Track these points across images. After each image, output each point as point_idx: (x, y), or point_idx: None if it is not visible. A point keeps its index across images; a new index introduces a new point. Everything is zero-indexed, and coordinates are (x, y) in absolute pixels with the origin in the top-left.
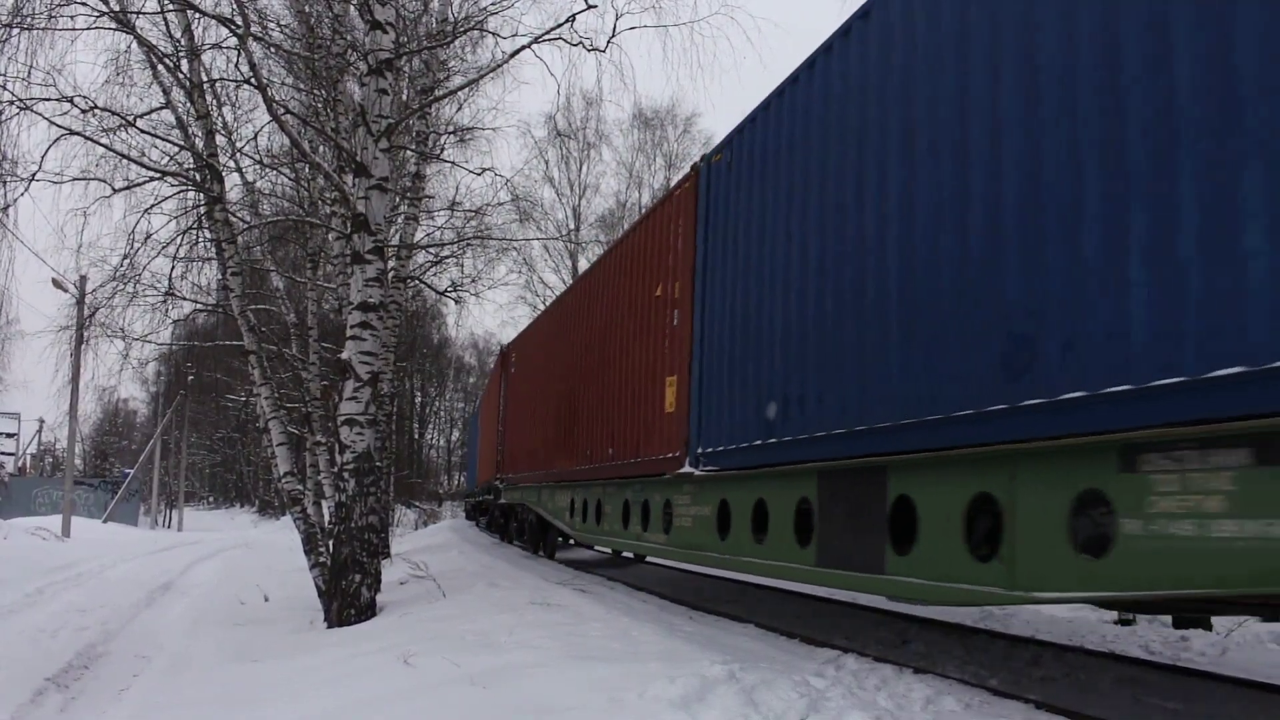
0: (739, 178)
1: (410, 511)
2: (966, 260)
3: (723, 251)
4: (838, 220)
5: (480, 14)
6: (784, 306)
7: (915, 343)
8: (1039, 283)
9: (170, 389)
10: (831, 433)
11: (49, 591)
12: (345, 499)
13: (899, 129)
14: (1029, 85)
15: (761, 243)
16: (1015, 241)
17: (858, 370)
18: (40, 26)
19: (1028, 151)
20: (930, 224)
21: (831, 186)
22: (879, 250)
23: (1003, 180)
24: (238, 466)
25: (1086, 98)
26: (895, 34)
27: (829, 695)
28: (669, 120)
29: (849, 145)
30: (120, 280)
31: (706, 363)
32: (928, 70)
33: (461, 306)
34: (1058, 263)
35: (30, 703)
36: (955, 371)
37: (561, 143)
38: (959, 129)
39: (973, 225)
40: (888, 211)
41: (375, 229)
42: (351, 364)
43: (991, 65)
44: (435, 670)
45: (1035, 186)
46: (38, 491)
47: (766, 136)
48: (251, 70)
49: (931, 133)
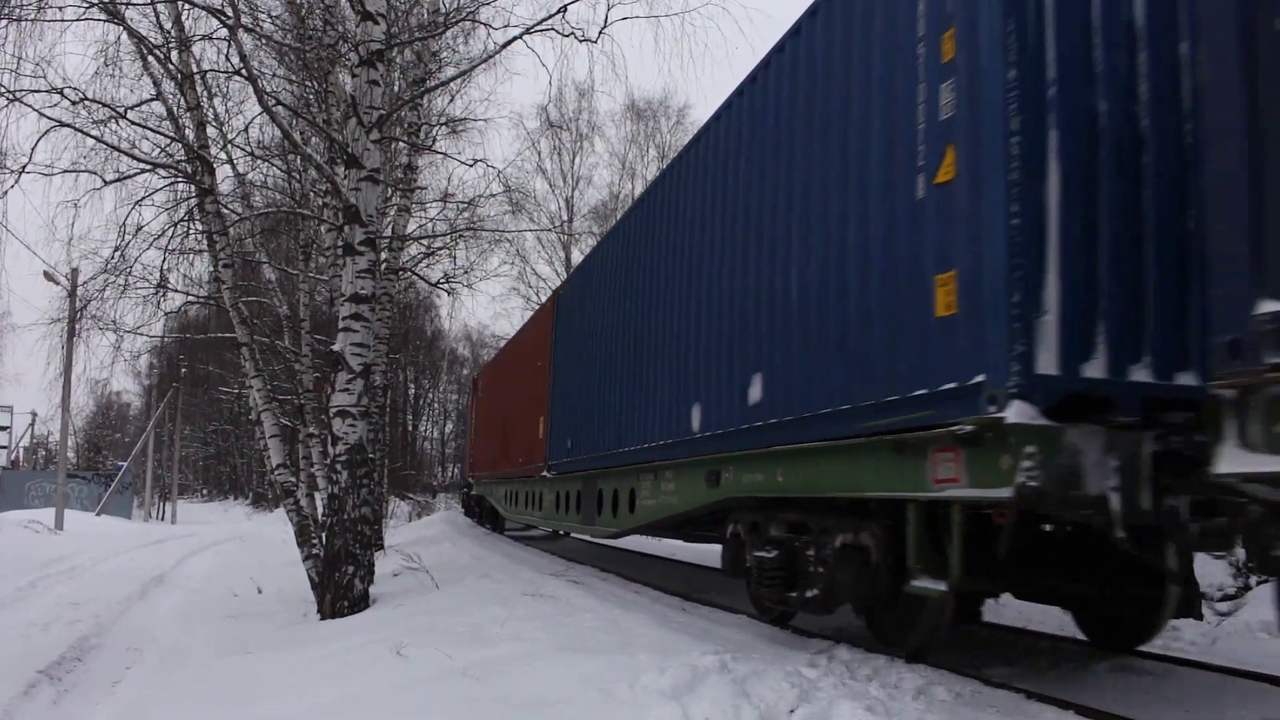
0: (571, 305)
1: (404, 503)
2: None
3: (562, 344)
4: (606, 336)
5: (472, 5)
6: (574, 386)
7: (613, 418)
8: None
9: (163, 381)
10: (585, 457)
11: (41, 585)
12: (338, 491)
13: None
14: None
15: (568, 344)
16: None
17: (591, 425)
18: (29, 18)
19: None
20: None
21: (602, 315)
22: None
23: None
24: (231, 459)
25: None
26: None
27: (820, 685)
28: (662, 111)
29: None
30: (112, 273)
31: (553, 410)
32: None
33: (454, 298)
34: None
35: (22, 695)
36: (619, 436)
37: (554, 134)
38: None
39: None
40: (616, 349)
41: (367, 220)
42: (344, 356)
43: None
44: (428, 662)
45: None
46: (30, 485)
47: (589, 274)
48: (242, 61)
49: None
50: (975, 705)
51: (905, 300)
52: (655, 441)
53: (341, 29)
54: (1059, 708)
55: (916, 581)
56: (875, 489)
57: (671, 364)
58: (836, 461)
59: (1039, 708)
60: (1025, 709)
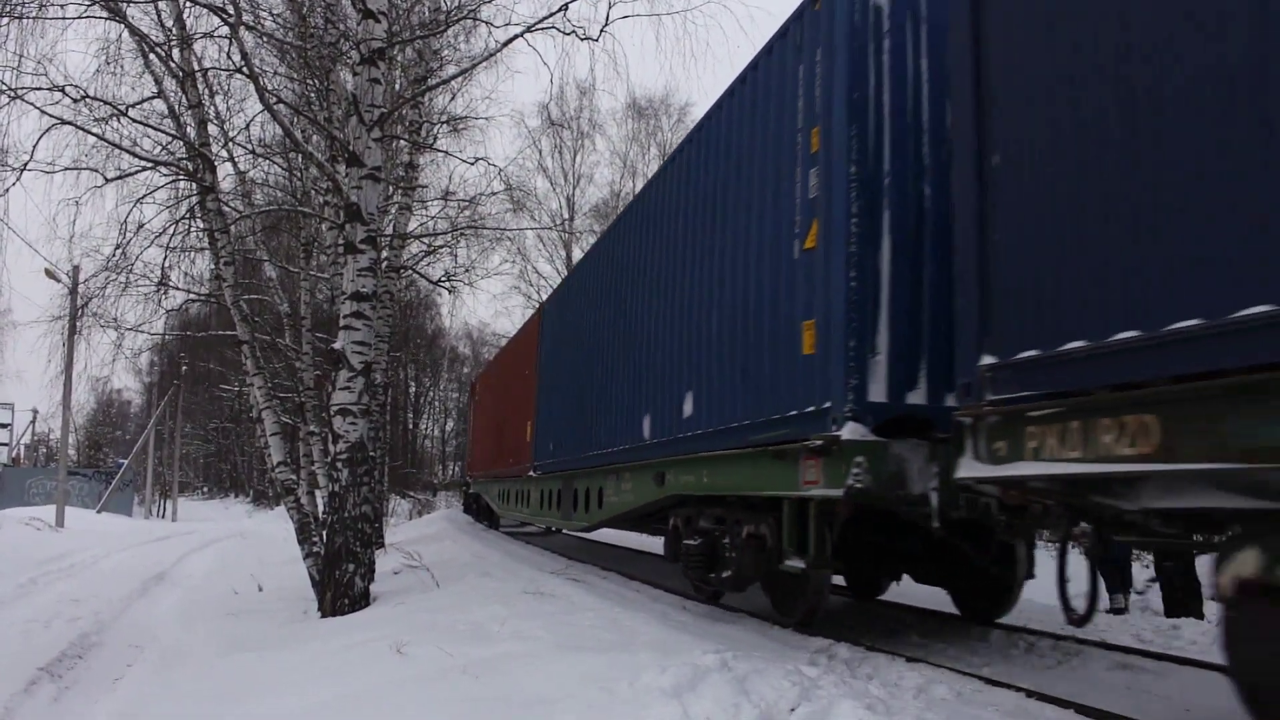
0: (554, 318)
1: (404, 501)
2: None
3: (546, 354)
4: (580, 350)
5: (473, 2)
6: (555, 393)
7: (585, 424)
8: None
9: (164, 379)
10: (563, 459)
11: (42, 582)
12: (339, 489)
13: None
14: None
15: (550, 354)
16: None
17: (569, 430)
18: (31, 16)
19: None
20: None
21: (583, 329)
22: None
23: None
24: (232, 457)
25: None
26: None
27: (821, 684)
28: (663, 110)
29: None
30: (113, 270)
31: (538, 415)
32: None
33: (455, 296)
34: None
35: (23, 692)
36: (590, 441)
37: (555, 132)
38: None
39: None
40: (587, 363)
41: (368, 219)
42: (345, 354)
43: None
44: (428, 660)
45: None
46: (31, 482)
47: (568, 291)
48: (243, 59)
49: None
50: (976, 704)
51: (783, 340)
52: (617, 447)
53: (343, 27)
54: (1059, 706)
55: (788, 561)
56: (765, 489)
57: (629, 380)
58: (741, 466)
59: (1039, 706)
60: (1026, 707)
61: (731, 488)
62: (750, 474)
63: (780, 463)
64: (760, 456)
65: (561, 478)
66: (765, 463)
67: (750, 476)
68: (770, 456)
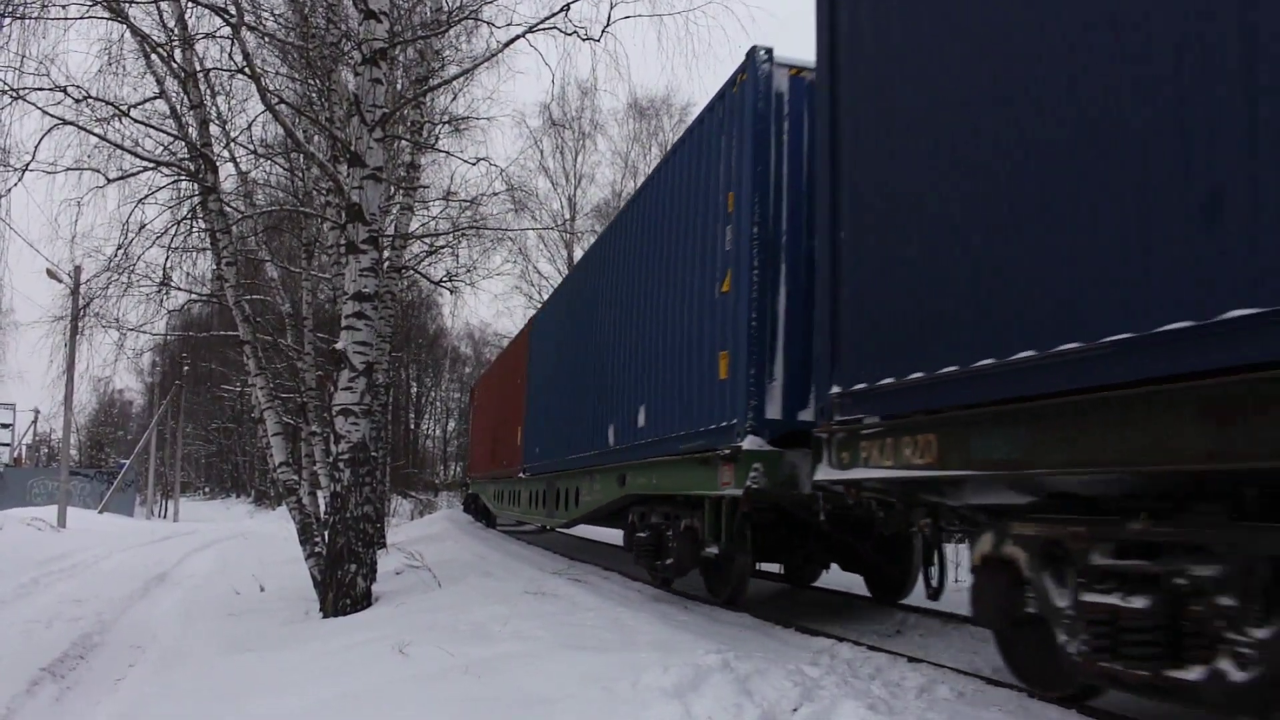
0: (540, 333)
1: (406, 502)
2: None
3: (534, 366)
4: (560, 365)
5: (474, 3)
6: (541, 401)
7: (565, 430)
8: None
9: (165, 379)
10: (548, 462)
11: (44, 582)
12: (340, 489)
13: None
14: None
15: (537, 365)
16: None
17: (552, 435)
18: (33, 16)
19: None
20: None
21: (566, 344)
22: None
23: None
24: (233, 457)
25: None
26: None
27: (823, 684)
28: (664, 110)
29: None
30: (115, 270)
31: (527, 420)
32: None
33: (457, 296)
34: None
35: (25, 693)
36: (568, 444)
37: (556, 132)
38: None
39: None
40: (566, 376)
41: (370, 219)
42: (346, 354)
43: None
44: (430, 660)
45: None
46: (33, 482)
47: (552, 310)
48: (245, 59)
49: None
50: (978, 704)
51: (706, 367)
52: (589, 452)
53: (344, 27)
54: (1062, 706)
55: (707, 549)
56: (694, 489)
57: (597, 393)
58: (678, 470)
59: (1042, 706)
60: (1028, 707)
61: (672, 488)
62: (684, 477)
63: (704, 467)
64: (691, 462)
65: (546, 479)
66: (694, 467)
67: (684, 479)
68: (697, 462)
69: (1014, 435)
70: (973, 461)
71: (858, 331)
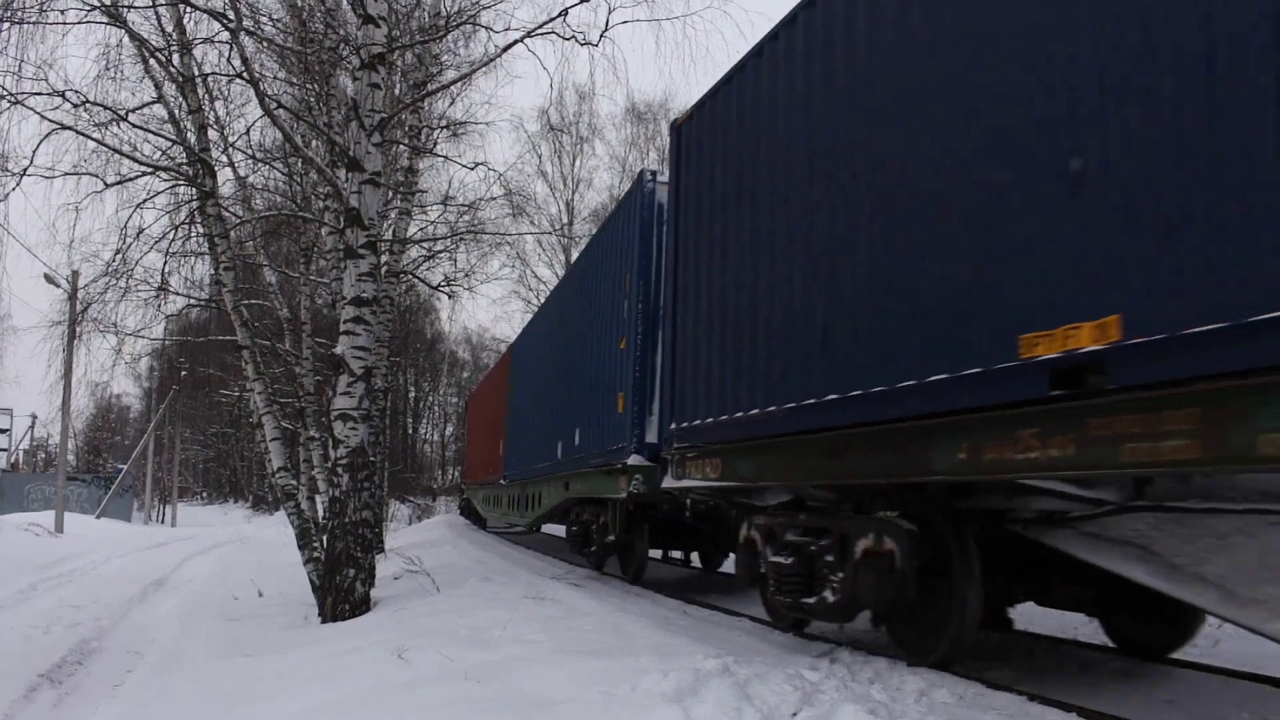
0: (517, 356)
1: (404, 506)
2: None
3: (513, 385)
4: (528, 388)
5: (473, 8)
6: (517, 417)
7: (532, 444)
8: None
9: (163, 384)
10: (521, 471)
11: (42, 587)
12: (339, 494)
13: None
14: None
15: (515, 386)
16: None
17: (522, 448)
18: (31, 21)
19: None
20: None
21: (535, 363)
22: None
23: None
24: (231, 462)
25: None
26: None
27: (823, 688)
28: (662, 114)
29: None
30: (113, 275)
31: (508, 435)
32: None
33: (455, 301)
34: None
35: (23, 699)
36: (534, 455)
37: (554, 137)
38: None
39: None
40: (531, 398)
41: (368, 224)
42: (345, 359)
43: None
44: (429, 665)
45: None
46: (30, 487)
47: (524, 339)
48: (244, 64)
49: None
50: (977, 708)
51: (610, 401)
52: (547, 462)
53: (343, 32)
54: (1061, 710)
55: (609, 537)
56: (606, 493)
57: (553, 414)
58: (596, 479)
59: (1041, 710)
60: (1028, 711)
61: (595, 492)
62: (601, 484)
63: (610, 477)
64: (603, 473)
65: (520, 485)
66: (605, 477)
67: (601, 485)
68: (605, 473)
69: (752, 461)
70: (737, 477)
71: (684, 387)
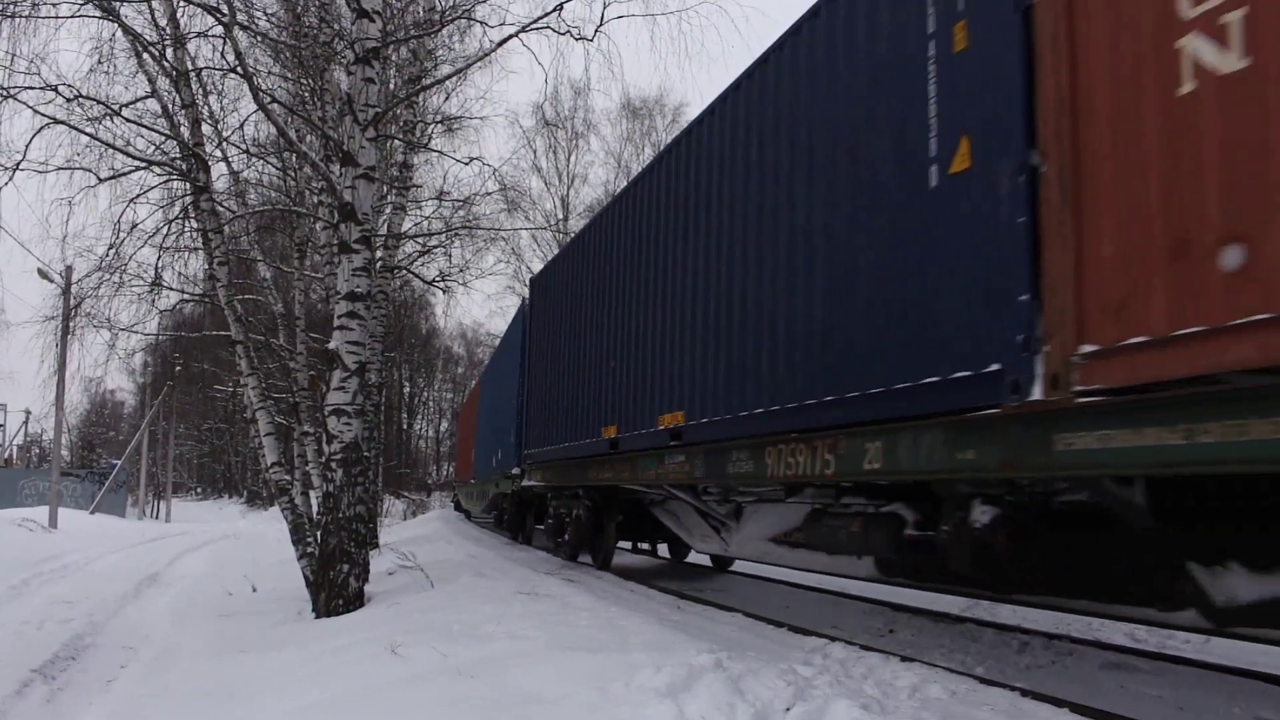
0: (481, 391)
1: (399, 502)
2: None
3: (479, 416)
4: (482, 412)
5: (467, 2)
6: (478, 437)
7: (485, 453)
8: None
9: (157, 379)
10: (480, 473)
11: (35, 583)
12: (333, 489)
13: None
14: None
15: (481, 405)
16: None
17: (481, 458)
18: (24, 14)
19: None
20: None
21: (502, 381)
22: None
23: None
24: (225, 457)
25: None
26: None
27: (816, 683)
28: (657, 110)
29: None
30: (106, 270)
31: (475, 449)
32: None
33: (450, 296)
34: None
35: (15, 695)
36: (488, 464)
37: (549, 132)
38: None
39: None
40: (485, 420)
41: (362, 218)
42: (339, 354)
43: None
44: (423, 660)
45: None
46: (24, 483)
47: (486, 372)
48: (237, 59)
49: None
50: (970, 703)
51: (508, 435)
52: (486, 471)
53: (337, 26)
54: (1054, 705)
55: (506, 517)
56: (506, 489)
57: (491, 438)
58: (502, 481)
59: (1034, 705)
60: (1020, 706)
61: (503, 488)
62: (505, 484)
63: (508, 479)
64: (505, 477)
65: (479, 484)
66: (506, 479)
67: (505, 485)
68: (506, 478)
69: (551, 471)
70: (544, 480)
71: (528, 431)
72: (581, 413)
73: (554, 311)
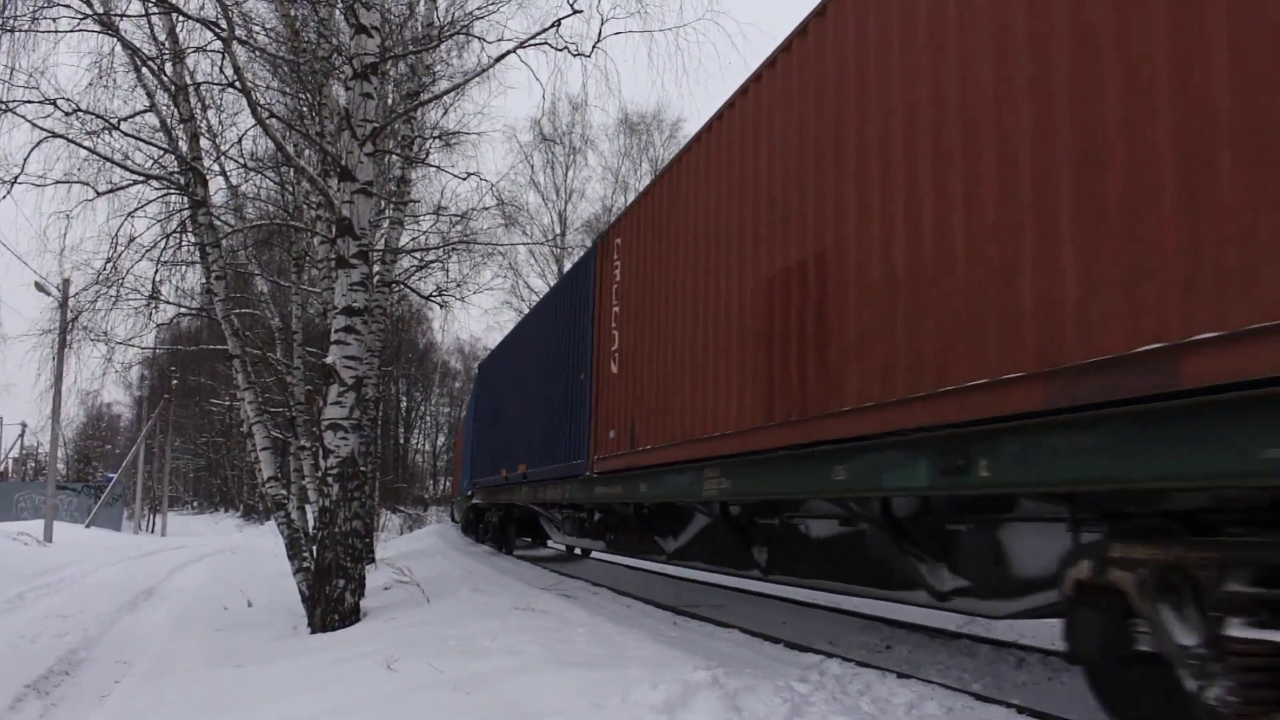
0: (473, 403)
1: (395, 516)
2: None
3: (464, 442)
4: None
5: (466, 18)
6: (465, 457)
7: (464, 478)
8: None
9: (154, 393)
10: (464, 490)
11: (30, 596)
12: (329, 504)
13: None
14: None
15: (464, 440)
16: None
17: (462, 481)
18: (24, 29)
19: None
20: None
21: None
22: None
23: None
24: (222, 471)
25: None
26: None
27: (812, 700)
28: (654, 125)
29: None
30: (103, 284)
31: (462, 469)
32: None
33: (447, 311)
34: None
35: (9, 709)
36: (463, 484)
37: (547, 147)
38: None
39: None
40: (467, 451)
41: (360, 233)
42: (335, 368)
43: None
44: (418, 676)
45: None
46: (20, 496)
47: (468, 415)
48: (236, 74)
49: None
50: None
51: (468, 467)
52: (463, 490)
53: (335, 42)
54: None
55: (480, 526)
56: (466, 504)
57: (466, 464)
58: (465, 501)
59: None
60: None
61: (466, 503)
62: (463, 501)
63: (467, 499)
64: (467, 497)
65: (464, 499)
66: (466, 499)
67: (463, 502)
68: (467, 497)
69: (483, 493)
70: (485, 498)
71: (480, 465)
72: (490, 460)
73: (485, 389)
